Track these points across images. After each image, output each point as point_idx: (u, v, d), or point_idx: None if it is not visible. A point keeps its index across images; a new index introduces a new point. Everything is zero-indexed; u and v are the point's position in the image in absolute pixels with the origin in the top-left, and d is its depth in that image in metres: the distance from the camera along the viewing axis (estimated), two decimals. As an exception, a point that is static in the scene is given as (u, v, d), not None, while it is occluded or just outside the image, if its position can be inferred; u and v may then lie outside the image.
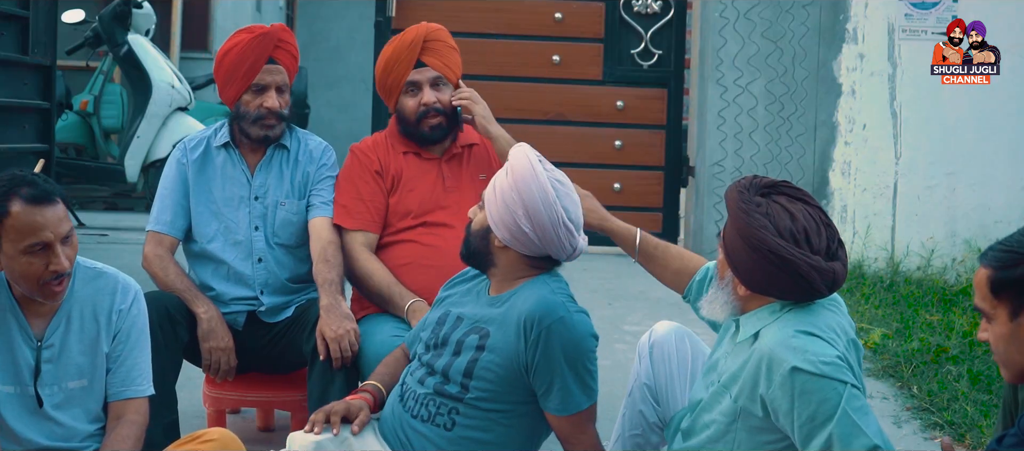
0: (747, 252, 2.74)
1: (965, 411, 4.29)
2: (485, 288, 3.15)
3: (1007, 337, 2.38)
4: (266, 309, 3.75)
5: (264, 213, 3.75)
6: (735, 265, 2.79)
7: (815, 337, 2.67)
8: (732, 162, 6.97)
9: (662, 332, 3.26)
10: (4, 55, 6.63)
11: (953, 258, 6.81)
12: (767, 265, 2.72)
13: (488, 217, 3.05)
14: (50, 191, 2.87)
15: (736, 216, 2.76)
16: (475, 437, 3.01)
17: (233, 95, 3.71)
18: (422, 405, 3.04)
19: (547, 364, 2.94)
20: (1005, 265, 2.36)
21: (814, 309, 2.77)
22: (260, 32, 3.70)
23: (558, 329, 2.93)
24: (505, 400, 3.01)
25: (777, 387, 2.64)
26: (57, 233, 2.86)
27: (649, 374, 3.24)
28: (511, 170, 3.05)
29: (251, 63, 3.67)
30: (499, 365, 2.98)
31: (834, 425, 2.60)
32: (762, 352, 2.69)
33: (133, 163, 8.47)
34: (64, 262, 2.88)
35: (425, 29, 3.77)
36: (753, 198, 2.77)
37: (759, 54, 6.94)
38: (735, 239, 2.76)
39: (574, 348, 2.96)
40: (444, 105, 3.75)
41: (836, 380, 2.61)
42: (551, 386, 2.96)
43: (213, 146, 3.79)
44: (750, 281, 2.78)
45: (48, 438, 2.99)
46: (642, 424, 3.26)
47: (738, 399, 2.75)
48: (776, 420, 2.69)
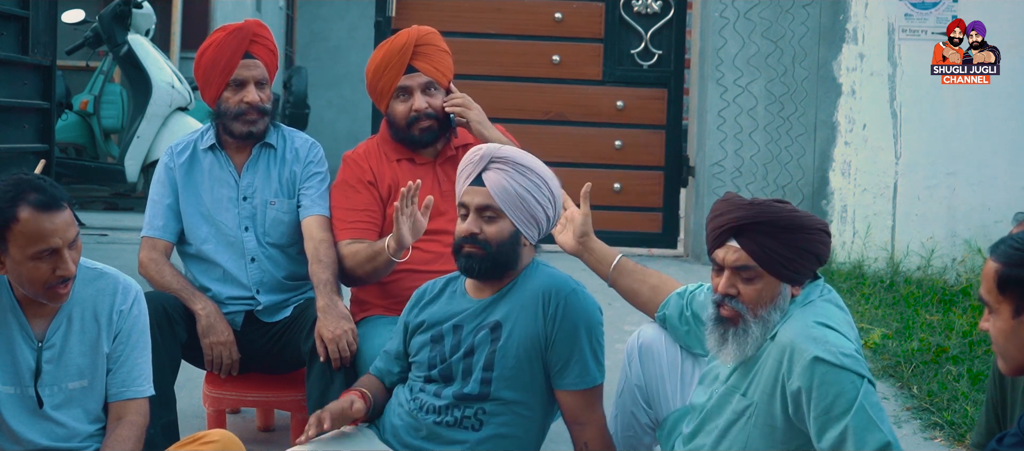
0: (805, 242, 2.79)
1: (965, 411, 4.29)
2: (461, 292, 3.17)
3: (1008, 333, 2.43)
4: (264, 308, 3.75)
5: (253, 213, 3.75)
6: (790, 270, 2.80)
7: (833, 329, 2.72)
8: (732, 162, 6.97)
9: (650, 334, 3.27)
10: (4, 55, 6.63)
11: (953, 258, 6.81)
12: (818, 237, 2.80)
13: (513, 221, 3.09)
14: (57, 197, 2.87)
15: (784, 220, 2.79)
16: (502, 433, 3.09)
17: (214, 94, 3.73)
18: (446, 413, 3.09)
19: (566, 335, 3.05)
20: (1013, 263, 2.39)
21: (823, 303, 2.81)
22: (234, 28, 3.72)
23: (574, 300, 3.07)
24: (525, 388, 3.09)
25: (798, 376, 2.68)
26: (65, 239, 2.86)
27: (639, 376, 3.25)
28: (512, 167, 3.08)
29: (227, 59, 3.69)
30: (518, 346, 3.06)
31: (850, 418, 2.63)
32: (783, 344, 2.73)
33: (133, 163, 8.47)
34: (71, 267, 2.89)
35: (416, 33, 3.74)
36: (771, 202, 2.83)
37: (759, 54, 6.94)
38: (789, 242, 2.79)
39: (589, 319, 3.09)
40: (435, 110, 3.73)
41: (855, 373, 2.65)
42: (569, 359, 3.06)
43: (200, 149, 3.79)
44: (803, 273, 2.83)
45: (48, 438, 2.99)
46: (634, 425, 3.27)
47: (752, 394, 2.77)
48: (794, 411, 2.71)
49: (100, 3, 11.21)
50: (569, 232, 3.36)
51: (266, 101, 3.72)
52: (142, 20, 8.63)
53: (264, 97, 3.72)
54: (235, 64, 3.69)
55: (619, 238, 7.35)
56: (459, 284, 3.20)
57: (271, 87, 3.77)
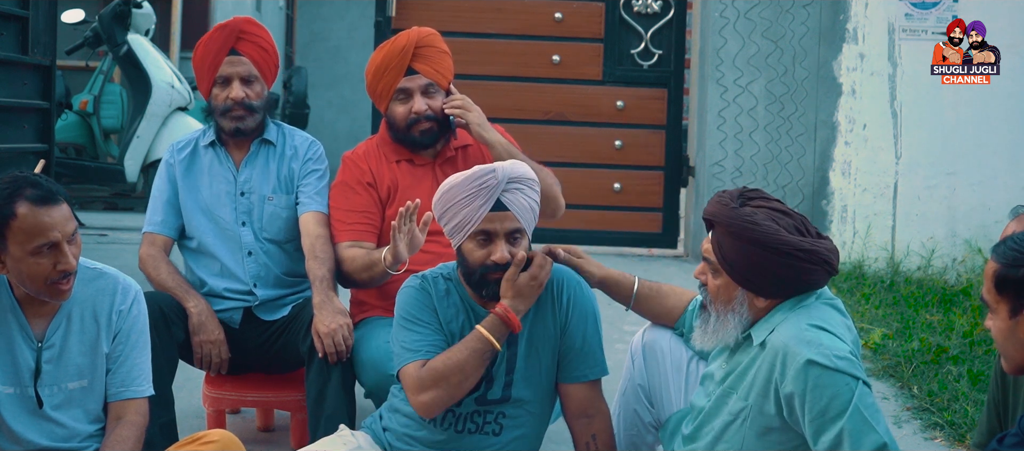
0: (768, 260, 2.73)
1: (965, 411, 4.29)
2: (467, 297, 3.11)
3: (1006, 332, 2.45)
4: (262, 304, 3.76)
5: (250, 208, 3.77)
6: (749, 280, 2.78)
7: (827, 332, 2.70)
8: (732, 162, 6.97)
9: (654, 333, 3.27)
10: (4, 55, 6.62)
11: (953, 258, 6.81)
12: (793, 263, 2.73)
13: (529, 233, 3.07)
14: (54, 191, 2.88)
15: (743, 231, 2.75)
16: (518, 434, 3.12)
17: (205, 91, 3.80)
18: (468, 420, 3.10)
19: (579, 324, 3.09)
20: (1011, 263, 2.40)
21: (819, 306, 2.79)
22: (221, 25, 3.77)
23: (580, 289, 3.13)
24: (537, 386, 3.11)
25: (791, 380, 2.66)
26: (64, 232, 2.87)
27: (643, 375, 3.25)
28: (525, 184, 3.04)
29: (214, 56, 3.74)
30: (535, 342, 3.08)
31: (846, 421, 2.62)
32: (776, 347, 2.71)
33: (133, 163, 8.46)
34: (72, 261, 2.89)
35: (416, 35, 3.73)
36: (745, 210, 2.77)
37: (759, 54, 6.94)
38: (748, 254, 2.75)
39: (594, 308, 3.15)
40: (435, 112, 3.72)
41: (849, 375, 2.64)
42: (582, 349, 3.10)
43: (201, 145, 3.84)
44: (771, 289, 2.78)
45: (48, 438, 2.99)
46: (637, 424, 3.28)
47: (748, 397, 2.76)
48: (789, 415, 2.70)
49: (100, 3, 11.21)
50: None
51: (254, 98, 3.74)
52: (142, 20, 8.62)
53: (251, 94, 3.73)
54: (220, 61, 3.74)
55: (619, 238, 7.37)
56: (464, 292, 3.13)
57: (266, 84, 3.78)
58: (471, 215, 2.98)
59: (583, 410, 3.13)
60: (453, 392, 3.00)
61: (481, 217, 2.97)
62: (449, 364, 2.98)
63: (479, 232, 2.99)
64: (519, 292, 2.98)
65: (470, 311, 3.09)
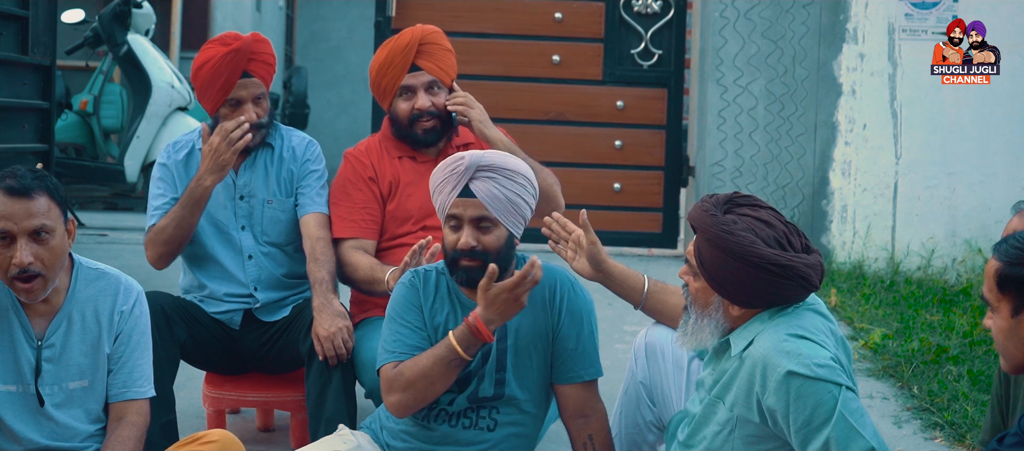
0: (742, 271, 2.69)
1: (965, 411, 4.29)
2: (456, 293, 3.11)
3: (1007, 331, 2.45)
4: (262, 306, 3.75)
5: (250, 212, 3.76)
6: (724, 287, 2.74)
7: (807, 340, 2.65)
8: (732, 162, 6.97)
9: (657, 333, 3.26)
10: (4, 55, 6.62)
11: (953, 258, 6.81)
12: (766, 276, 2.68)
13: (507, 226, 3.02)
14: (29, 186, 2.85)
15: (718, 240, 2.70)
16: (513, 432, 3.12)
17: (211, 108, 3.72)
18: (462, 416, 3.10)
19: (573, 325, 3.09)
20: (1013, 262, 2.39)
21: (800, 312, 2.73)
22: (233, 47, 3.66)
23: (573, 290, 3.12)
24: (531, 385, 3.11)
25: (772, 392, 2.63)
26: (21, 226, 2.83)
27: (645, 374, 3.25)
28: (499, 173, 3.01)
29: (225, 78, 3.66)
30: (526, 341, 3.08)
31: (831, 429, 2.58)
32: (755, 359, 2.67)
33: (133, 163, 8.47)
34: (23, 256, 2.84)
35: (420, 32, 3.74)
36: (725, 218, 2.72)
37: (759, 54, 6.94)
38: (723, 263, 2.70)
39: (589, 308, 3.14)
40: (438, 109, 3.73)
41: (831, 382, 2.60)
42: (576, 349, 3.09)
43: (197, 148, 3.79)
44: (746, 298, 2.73)
45: (48, 438, 2.99)
46: (638, 423, 3.28)
47: (733, 408, 2.74)
48: (773, 425, 2.68)
49: (100, 3, 11.21)
50: (582, 259, 3.30)
51: (263, 115, 3.72)
52: (142, 20, 8.63)
53: (261, 111, 3.71)
54: (232, 84, 3.67)
55: (619, 238, 7.36)
56: (453, 283, 3.13)
57: (269, 90, 3.77)
58: (444, 201, 3.02)
59: (579, 410, 3.13)
60: (420, 397, 3.00)
61: (450, 202, 3.00)
62: (415, 370, 2.98)
63: (449, 217, 3.02)
64: (491, 302, 2.93)
65: (456, 301, 3.09)
